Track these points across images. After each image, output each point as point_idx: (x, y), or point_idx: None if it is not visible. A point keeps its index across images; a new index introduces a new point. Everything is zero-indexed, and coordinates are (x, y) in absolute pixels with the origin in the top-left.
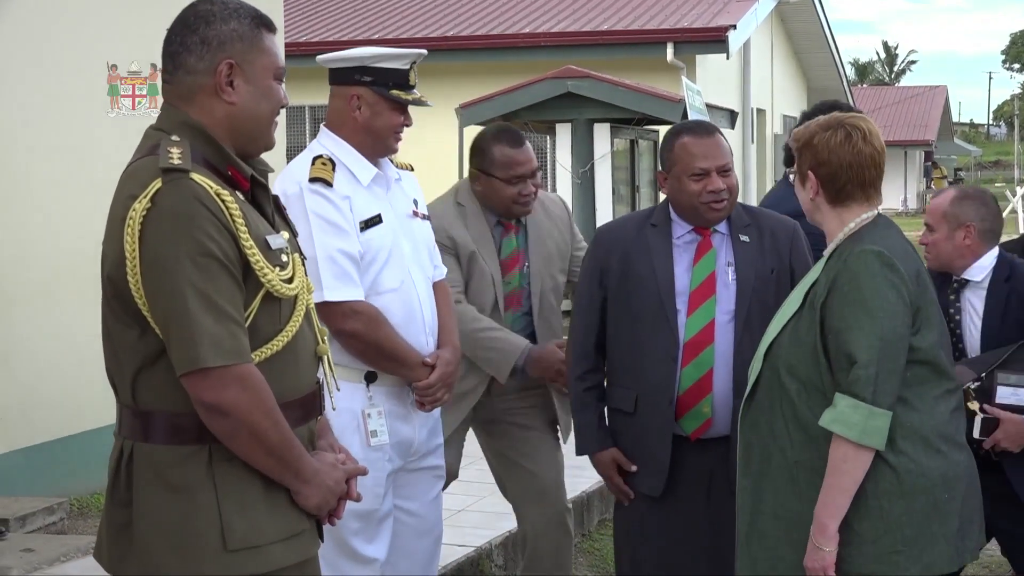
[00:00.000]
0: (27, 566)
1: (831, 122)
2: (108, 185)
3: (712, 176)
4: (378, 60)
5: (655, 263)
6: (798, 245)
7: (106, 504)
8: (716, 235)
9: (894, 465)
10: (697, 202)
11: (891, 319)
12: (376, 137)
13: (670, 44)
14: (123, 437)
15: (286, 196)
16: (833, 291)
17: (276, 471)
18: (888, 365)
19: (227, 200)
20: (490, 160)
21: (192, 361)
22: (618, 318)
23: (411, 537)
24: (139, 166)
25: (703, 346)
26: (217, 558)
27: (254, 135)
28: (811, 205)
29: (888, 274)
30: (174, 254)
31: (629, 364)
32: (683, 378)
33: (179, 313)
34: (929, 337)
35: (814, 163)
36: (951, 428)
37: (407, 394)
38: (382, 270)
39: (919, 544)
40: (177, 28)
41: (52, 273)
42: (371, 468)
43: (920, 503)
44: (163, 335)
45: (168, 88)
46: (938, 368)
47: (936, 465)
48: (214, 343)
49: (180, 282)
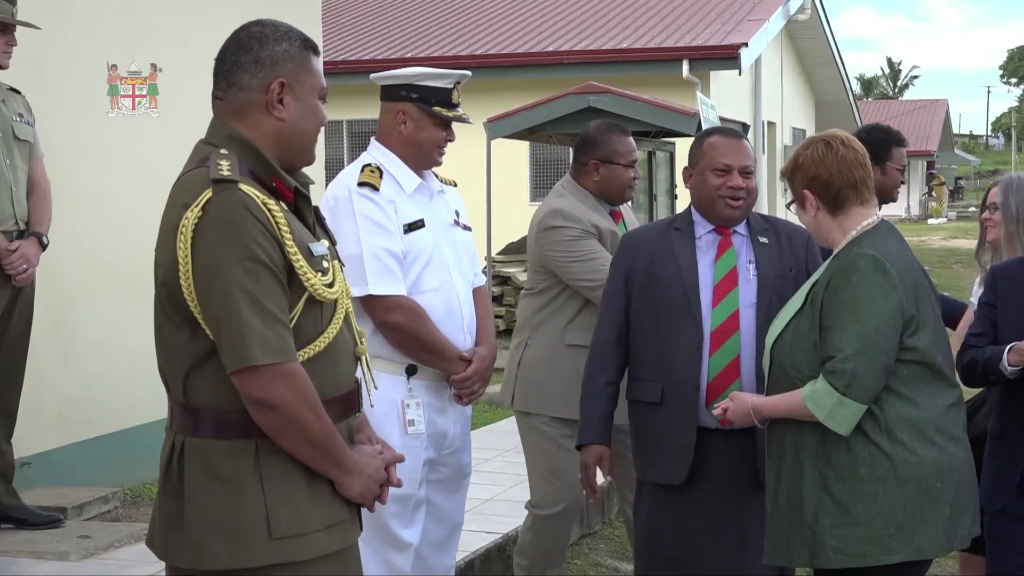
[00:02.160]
0: (83, 551)
1: (809, 141)
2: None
3: (733, 173)
4: (423, 79)
5: (679, 261)
6: (813, 249)
7: (158, 495)
8: (736, 236)
9: (889, 454)
10: (716, 196)
11: (876, 320)
12: (419, 149)
13: (685, 61)
14: (174, 432)
15: (336, 199)
16: (828, 291)
17: (319, 463)
18: (867, 362)
19: (273, 209)
20: (612, 149)
21: (243, 360)
22: (642, 315)
23: (433, 525)
24: (190, 177)
25: (729, 333)
26: (263, 546)
27: (299, 150)
28: (815, 224)
29: (879, 278)
30: (225, 260)
31: (655, 357)
32: (711, 366)
33: (230, 315)
34: (925, 338)
35: (806, 180)
36: (947, 422)
37: (445, 389)
38: (423, 270)
39: (911, 529)
40: (231, 48)
41: (107, 276)
42: (408, 455)
43: (913, 490)
44: (214, 336)
45: (219, 104)
46: (934, 367)
47: (930, 456)
48: (263, 343)
49: (231, 286)
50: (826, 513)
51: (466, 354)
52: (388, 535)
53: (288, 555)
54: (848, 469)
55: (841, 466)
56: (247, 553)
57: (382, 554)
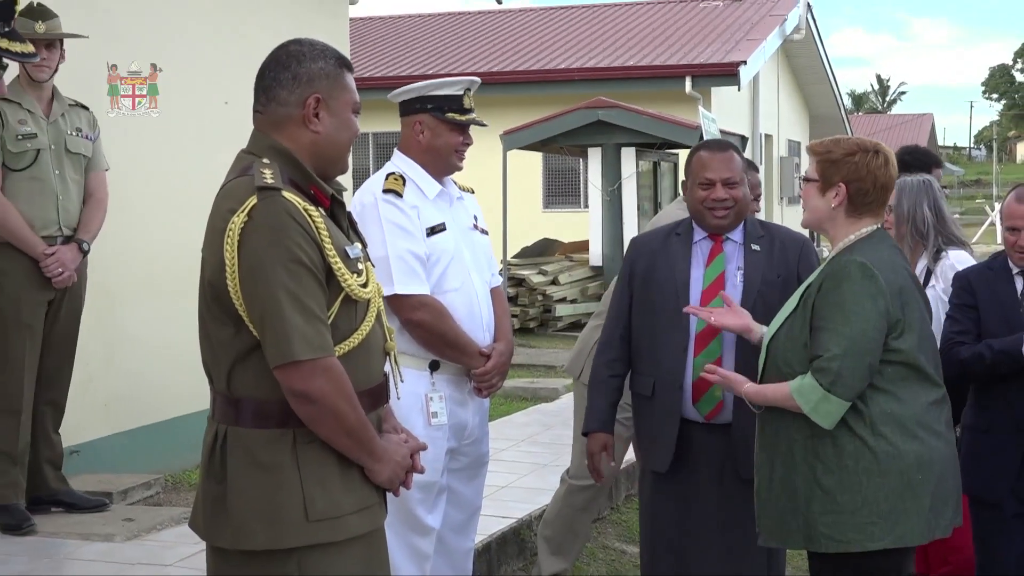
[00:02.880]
0: (128, 533)
1: (868, 145)
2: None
3: (717, 186)
4: (434, 88)
5: (675, 265)
6: (806, 255)
7: (201, 480)
8: (729, 243)
9: (873, 447)
10: (702, 207)
11: (862, 323)
12: (438, 156)
13: (688, 78)
14: (217, 421)
15: (363, 205)
16: (819, 294)
17: (352, 451)
18: (852, 362)
19: (313, 215)
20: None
21: (285, 355)
22: (641, 314)
23: (453, 510)
24: (235, 184)
25: (713, 336)
26: (300, 528)
27: (334, 160)
28: (828, 213)
29: (867, 284)
30: (269, 262)
31: (648, 354)
32: (696, 366)
33: (274, 313)
34: (910, 341)
35: (849, 178)
36: (929, 418)
37: (465, 383)
38: (445, 271)
39: (893, 517)
40: (270, 65)
41: (150, 274)
42: (431, 445)
43: (895, 481)
44: (258, 332)
45: (260, 117)
46: (918, 367)
47: (912, 449)
48: (304, 339)
49: (275, 286)
50: (816, 501)
51: (485, 350)
52: (413, 520)
53: (323, 536)
54: (835, 461)
55: (829, 458)
56: (285, 534)
57: (406, 538)
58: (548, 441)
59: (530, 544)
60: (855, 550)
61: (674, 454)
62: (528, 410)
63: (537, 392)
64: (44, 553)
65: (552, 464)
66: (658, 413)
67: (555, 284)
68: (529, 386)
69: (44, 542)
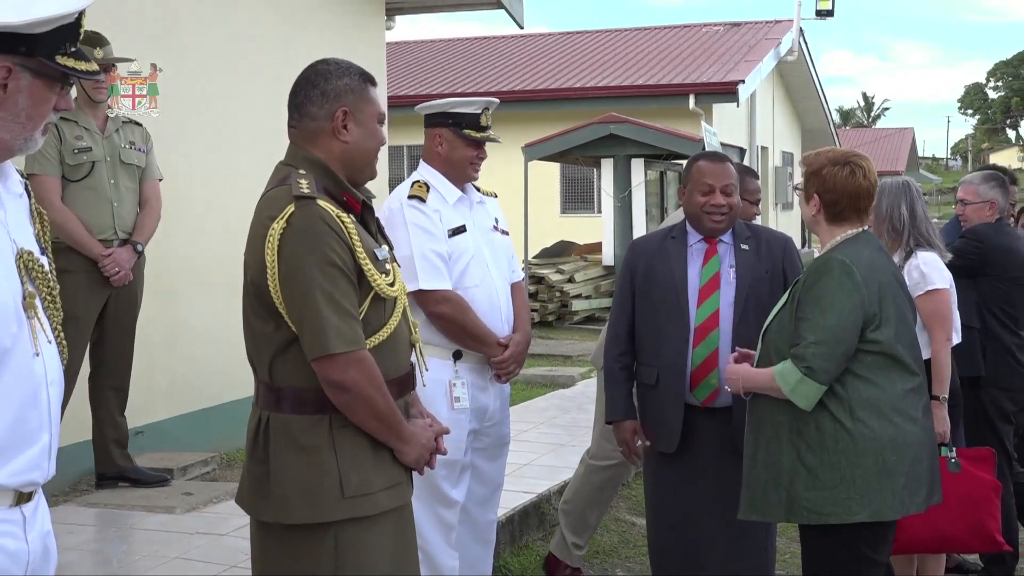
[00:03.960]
0: (187, 505)
1: (838, 158)
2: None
3: (716, 192)
4: (454, 106)
5: (672, 265)
6: (790, 253)
7: (246, 460)
8: (721, 244)
9: (850, 429)
10: (701, 212)
11: (838, 316)
12: (455, 166)
13: (691, 95)
14: (260, 408)
15: (391, 210)
16: (803, 288)
17: (382, 434)
18: (827, 350)
19: (345, 220)
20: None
21: (322, 348)
22: (643, 309)
23: (477, 485)
24: (275, 194)
25: (710, 330)
26: (336, 504)
27: (362, 167)
28: (812, 219)
29: (844, 280)
30: (306, 264)
31: (652, 346)
32: (695, 356)
33: (311, 310)
34: (887, 333)
35: (820, 189)
36: (905, 404)
37: (486, 370)
38: (466, 268)
39: (868, 494)
40: (301, 84)
41: (207, 271)
42: (454, 427)
43: (870, 461)
44: (296, 328)
45: (294, 131)
46: (895, 357)
47: (886, 432)
48: (338, 334)
49: (311, 286)
50: (799, 478)
51: (503, 340)
52: (439, 494)
53: (357, 511)
54: (817, 442)
55: (811, 439)
56: (323, 509)
57: (433, 509)
58: (565, 424)
59: (549, 516)
60: (834, 522)
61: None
62: (547, 395)
63: (555, 379)
64: (112, 523)
65: (569, 444)
66: (663, 399)
67: (571, 282)
68: (548, 374)
69: (112, 514)
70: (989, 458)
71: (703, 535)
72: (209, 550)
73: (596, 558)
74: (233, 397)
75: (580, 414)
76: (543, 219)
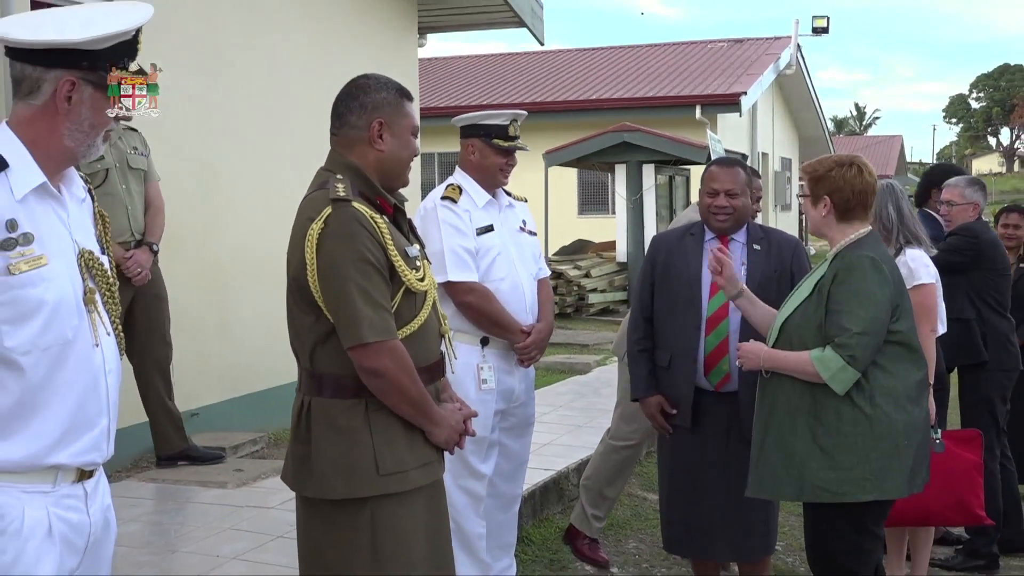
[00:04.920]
0: (238, 481)
1: (844, 160)
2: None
3: (720, 195)
4: (485, 119)
5: (688, 260)
6: (799, 255)
7: (290, 441)
8: (734, 243)
9: (870, 415)
10: (708, 212)
11: (875, 307)
12: (486, 173)
13: (698, 106)
14: (302, 393)
15: (426, 209)
16: (835, 283)
17: (414, 417)
18: (867, 340)
19: (379, 221)
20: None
21: (357, 338)
22: (660, 299)
23: (504, 461)
24: (314, 197)
25: (721, 319)
26: (372, 480)
27: (396, 174)
28: (822, 221)
29: (876, 275)
30: (342, 261)
31: (667, 332)
32: (707, 344)
33: (347, 303)
34: (906, 323)
35: (830, 191)
36: (916, 392)
37: (511, 355)
38: (492, 264)
39: (882, 475)
40: (343, 96)
41: (256, 266)
42: (482, 406)
43: (885, 445)
44: (334, 320)
45: (334, 139)
46: (911, 347)
47: (902, 418)
48: (372, 325)
49: (347, 281)
50: (814, 459)
51: (526, 328)
52: (468, 467)
53: (391, 487)
54: (835, 426)
55: (829, 424)
56: (360, 486)
57: (463, 481)
58: (582, 407)
59: (568, 492)
60: (847, 500)
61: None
62: (566, 381)
63: (573, 366)
64: (169, 497)
65: (586, 425)
66: (675, 380)
67: (588, 277)
68: (567, 361)
69: (169, 488)
70: (975, 439)
71: (710, 509)
72: (257, 522)
73: (610, 530)
74: (279, 382)
75: (596, 398)
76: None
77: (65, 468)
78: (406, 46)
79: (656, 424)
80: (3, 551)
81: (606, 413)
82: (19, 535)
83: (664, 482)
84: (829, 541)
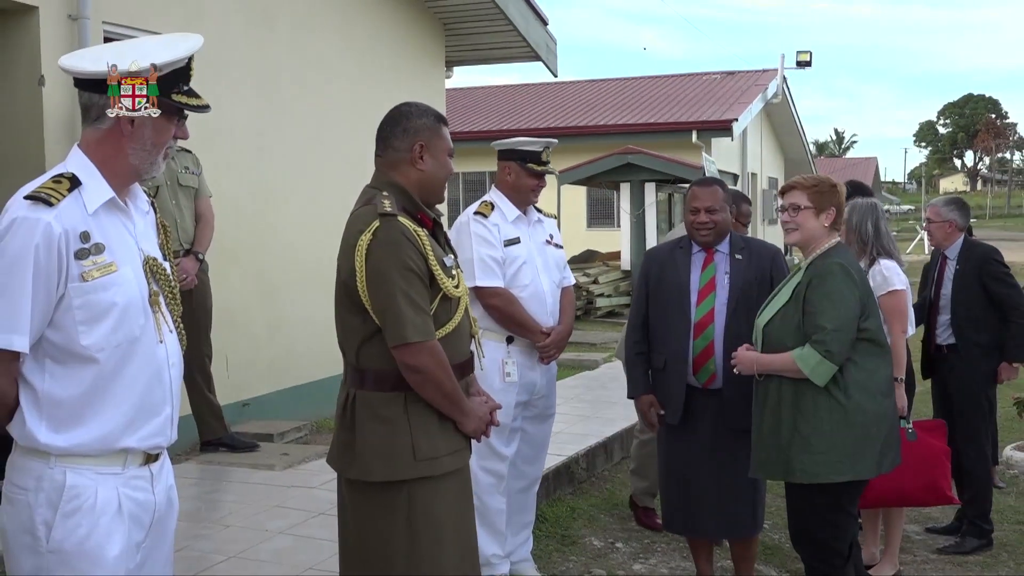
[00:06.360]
0: (284, 464)
1: (832, 179)
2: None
3: (700, 212)
4: (522, 145)
5: (679, 270)
6: (778, 261)
7: (336, 429)
8: (718, 254)
9: (844, 405)
10: (691, 228)
11: (845, 307)
12: (519, 192)
13: (694, 131)
14: (348, 386)
15: (460, 222)
16: (810, 288)
17: (448, 409)
18: (840, 335)
19: (420, 234)
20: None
21: (401, 338)
22: (654, 306)
23: (525, 446)
24: (363, 211)
25: (707, 325)
26: (409, 465)
27: (435, 191)
28: (821, 230)
29: (846, 279)
30: (388, 269)
31: (660, 336)
32: (695, 347)
33: (392, 307)
34: (874, 322)
35: (837, 203)
36: (885, 385)
37: (534, 353)
38: (517, 272)
39: (854, 458)
40: (388, 121)
41: (303, 270)
42: (506, 396)
43: (858, 432)
44: (379, 321)
45: (379, 160)
46: (879, 343)
47: (873, 408)
48: (414, 326)
49: (392, 287)
50: (796, 445)
51: (546, 329)
52: (492, 449)
53: (426, 471)
54: (813, 415)
55: (808, 413)
56: (398, 470)
57: (487, 461)
58: (590, 400)
59: (577, 475)
60: (823, 481)
61: (682, 411)
62: (576, 376)
63: (582, 363)
64: (223, 478)
65: (593, 416)
66: (669, 380)
67: (596, 283)
68: (576, 358)
69: (224, 470)
70: (939, 428)
71: (701, 492)
72: (302, 500)
73: (615, 509)
74: (322, 376)
75: (603, 392)
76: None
77: (133, 451)
78: (435, 77)
79: (645, 420)
80: (78, 526)
81: (612, 405)
82: (92, 512)
83: (662, 469)
84: (808, 518)
